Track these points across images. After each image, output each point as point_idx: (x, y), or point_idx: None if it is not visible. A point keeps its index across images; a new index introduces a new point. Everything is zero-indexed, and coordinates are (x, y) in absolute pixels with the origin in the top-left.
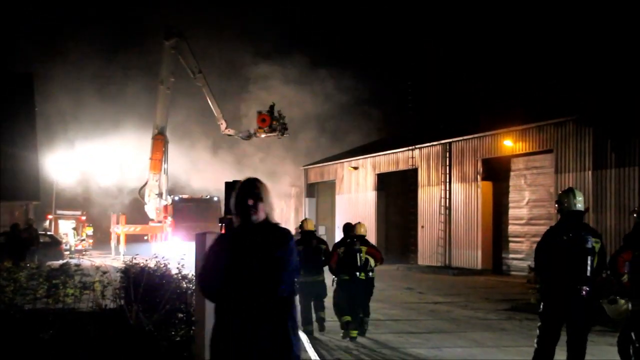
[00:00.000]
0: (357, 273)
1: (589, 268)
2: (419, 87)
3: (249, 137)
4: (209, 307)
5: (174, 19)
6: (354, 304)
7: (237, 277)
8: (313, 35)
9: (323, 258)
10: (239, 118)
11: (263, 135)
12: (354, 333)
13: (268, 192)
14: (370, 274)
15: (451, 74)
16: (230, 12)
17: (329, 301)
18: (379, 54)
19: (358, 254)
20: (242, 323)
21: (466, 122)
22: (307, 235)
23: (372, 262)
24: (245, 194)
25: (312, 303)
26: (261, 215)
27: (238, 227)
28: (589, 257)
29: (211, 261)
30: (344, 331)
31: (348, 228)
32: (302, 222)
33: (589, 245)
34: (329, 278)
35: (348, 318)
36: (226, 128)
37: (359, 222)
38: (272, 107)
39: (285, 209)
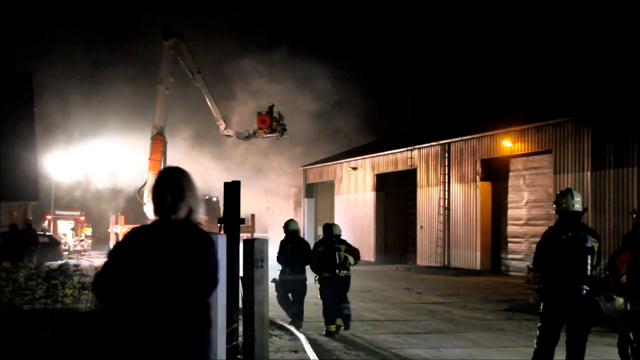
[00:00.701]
0: (337, 270)
1: (589, 267)
2: (417, 88)
3: (248, 137)
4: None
5: (172, 18)
6: (336, 299)
7: (145, 282)
8: (312, 36)
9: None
10: (237, 118)
11: (263, 137)
12: (339, 321)
13: (192, 186)
14: (346, 272)
15: (450, 75)
16: (225, 12)
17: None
18: (378, 53)
19: (337, 252)
20: (153, 334)
21: (465, 123)
22: (292, 235)
23: (351, 259)
24: (164, 188)
25: (292, 298)
26: (181, 214)
27: (153, 225)
28: (589, 257)
29: (114, 262)
30: (325, 333)
31: (328, 228)
32: (288, 222)
33: (589, 245)
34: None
35: (333, 328)
36: (225, 129)
37: (335, 223)
38: (271, 108)
39: (285, 209)
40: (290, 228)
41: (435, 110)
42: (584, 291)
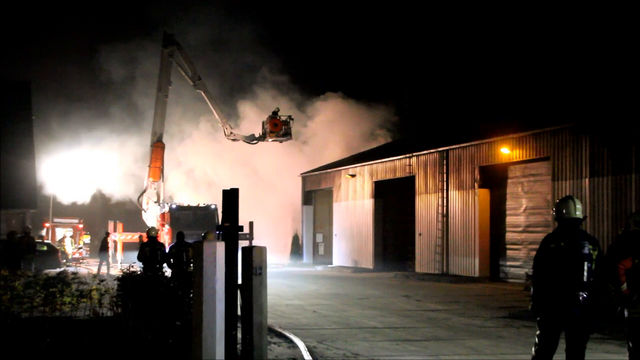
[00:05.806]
0: (185, 267)
1: (585, 274)
2: (416, 95)
3: (254, 141)
4: (206, 314)
5: (169, 23)
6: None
7: None
8: (311, 42)
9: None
10: (238, 122)
11: (270, 140)
12: None
13: None
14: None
15: (448, 82)
16: (223, 13)
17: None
18: (376, 61)
19: (185, 253)
20: None
21: (463, 130)
22: (152, 240)
23: None
24: None
25: None
26: None
27: None
28: (586, 263)
29: None
30: None
31: (180, 235)
32: (150, 229)
33: (586, 251)
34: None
35: None
36: (231, 133)
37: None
38: (275, 112)
39: (284, 216)
40: (150, 234)
41: (434, 117)
42: (581, 297)
